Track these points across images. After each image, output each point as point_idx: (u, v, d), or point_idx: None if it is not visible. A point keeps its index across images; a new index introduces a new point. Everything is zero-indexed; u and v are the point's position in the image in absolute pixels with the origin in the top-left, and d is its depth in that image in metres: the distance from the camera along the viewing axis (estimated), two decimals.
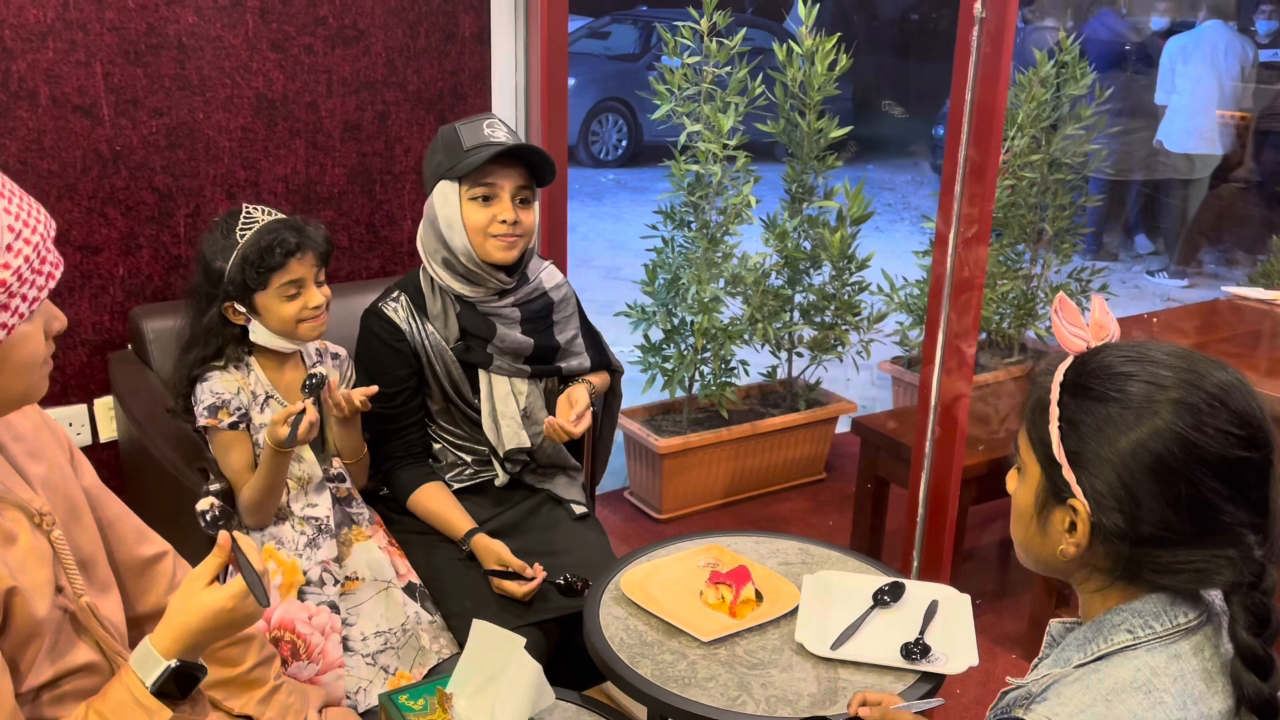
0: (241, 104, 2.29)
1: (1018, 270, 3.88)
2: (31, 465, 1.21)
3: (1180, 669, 0.90)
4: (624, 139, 9.42)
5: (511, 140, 1.82)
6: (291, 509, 1.81)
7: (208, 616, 1.11)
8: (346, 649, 1.73)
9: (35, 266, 1.03)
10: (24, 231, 1.02)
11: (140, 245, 2.25)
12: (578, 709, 1.48)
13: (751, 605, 1.59)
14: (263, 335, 1.79)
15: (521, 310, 1.93)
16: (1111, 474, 0.91)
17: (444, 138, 1.85)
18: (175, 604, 1.13)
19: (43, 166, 2.11)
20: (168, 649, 1.11)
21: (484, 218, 1.81)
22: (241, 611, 1.12)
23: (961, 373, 2.03)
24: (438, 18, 2.48)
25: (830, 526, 3.21)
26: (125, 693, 1.09)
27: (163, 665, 1.10)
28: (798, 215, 3.36)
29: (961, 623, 1.56)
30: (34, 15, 2.03)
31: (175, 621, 1.11)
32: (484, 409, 1.92)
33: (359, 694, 1.69)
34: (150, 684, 1.09)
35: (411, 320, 1.90)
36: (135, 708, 1.08)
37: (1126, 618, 0.94)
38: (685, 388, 3.27)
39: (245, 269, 1.73)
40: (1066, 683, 0.93)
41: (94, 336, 2.24)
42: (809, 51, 3.18)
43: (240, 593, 1.12)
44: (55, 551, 1.17)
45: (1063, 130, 3.78)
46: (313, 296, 1.78)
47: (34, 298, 1.04)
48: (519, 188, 1.83)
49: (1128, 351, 0.95)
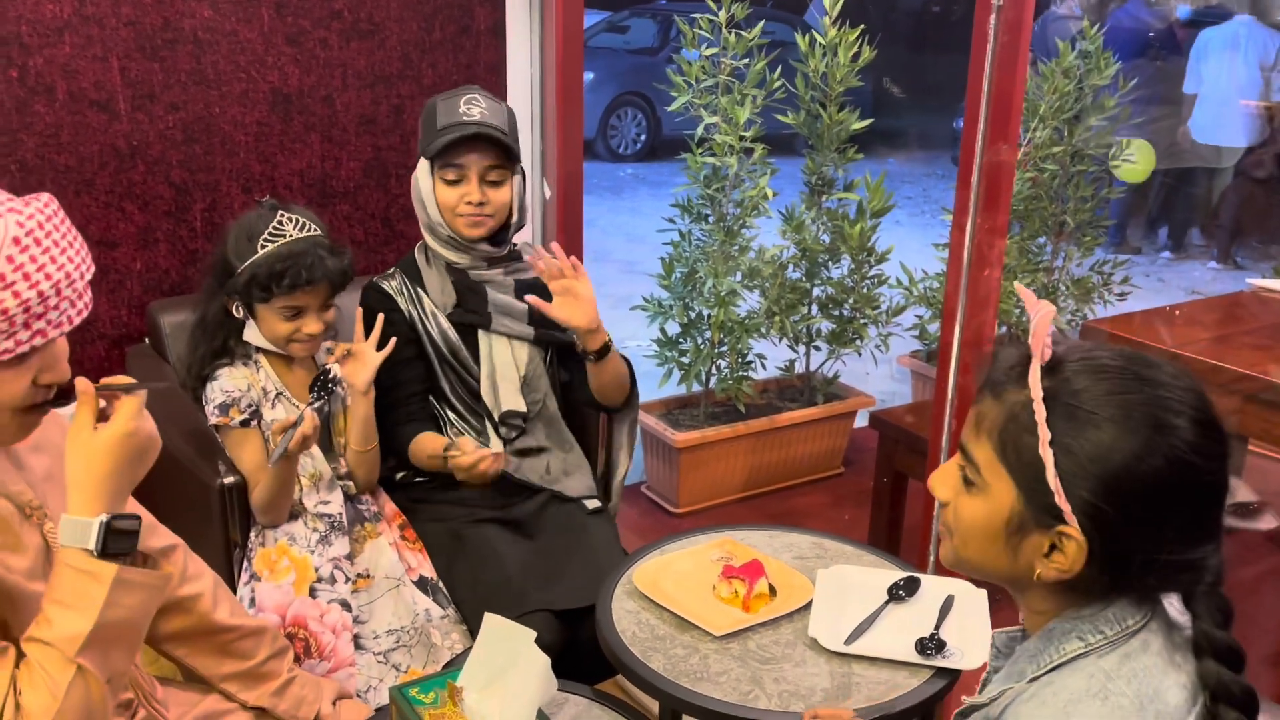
0: (257, 98, 2.30)
1: (1039, 263, 3.84)
2: (34, 458, 1.21)
3: (1133, 668, 0.89)
4: (643, 133, 9.40)
5: (482, 118, 1.85)
6: (304, 505, 1.81)
7: (112, 451, 1.04)
8: (358, 646, 1.73)
9: (14, 320, 0.99)
10: (18, 284, 0.99)
11: (157, 239, 2.26)
12: (589, 703, 1.47)
13: (765, 599, 1.58)
14: (255, 337, 1.81)
15: (515, 281, 1.98)
16: (1113, 500, 0.86)
17: (425, 112, 1.92)
18: (74, 463, 1.05)
19: (60, 161, 2.12)
20: (92, 507, 1.04)
21: (453, 197, 1.88)
22: (144, 431, 1.06)
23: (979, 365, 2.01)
24: (453, 11, 2.47)
25: (847, 521, 3.19)
26: (66, 569, 1.04)
27: (95, 523, 1.03)
28: (816, 207, 3.34)
29: (977, 618, 1.55)
30: (51, 10, 2.04)
31: (83, 478, 1.05)
32: (483, 371, 1.94)
33: (369, 692, 1.70)
34: (92, 545, 1.03)
35: (405, 290, 1.95)
36: (82, 577, 1.03)
37: (1076, 624, 0.92)
38: (702, 381, 3.25)
39: (252, 284, 1.73)
40: (1022, 701, 0.91)
41: (112, 330, 2.26)
42: (832, 43, 3.16)
43: (135, 411, 1.05)
44: (47, 544, 1.17)
45: (1085, 121, 3.73)
46: (309, 324, 1.78)
47: (4, 349, 1.00)
48: (487, 168, 1.87)
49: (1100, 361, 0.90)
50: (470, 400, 1.97)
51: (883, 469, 2.86)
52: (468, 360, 1.95)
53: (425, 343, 1.94)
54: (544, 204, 2.66)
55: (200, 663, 1.43)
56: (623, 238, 6.73)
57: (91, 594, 1.03)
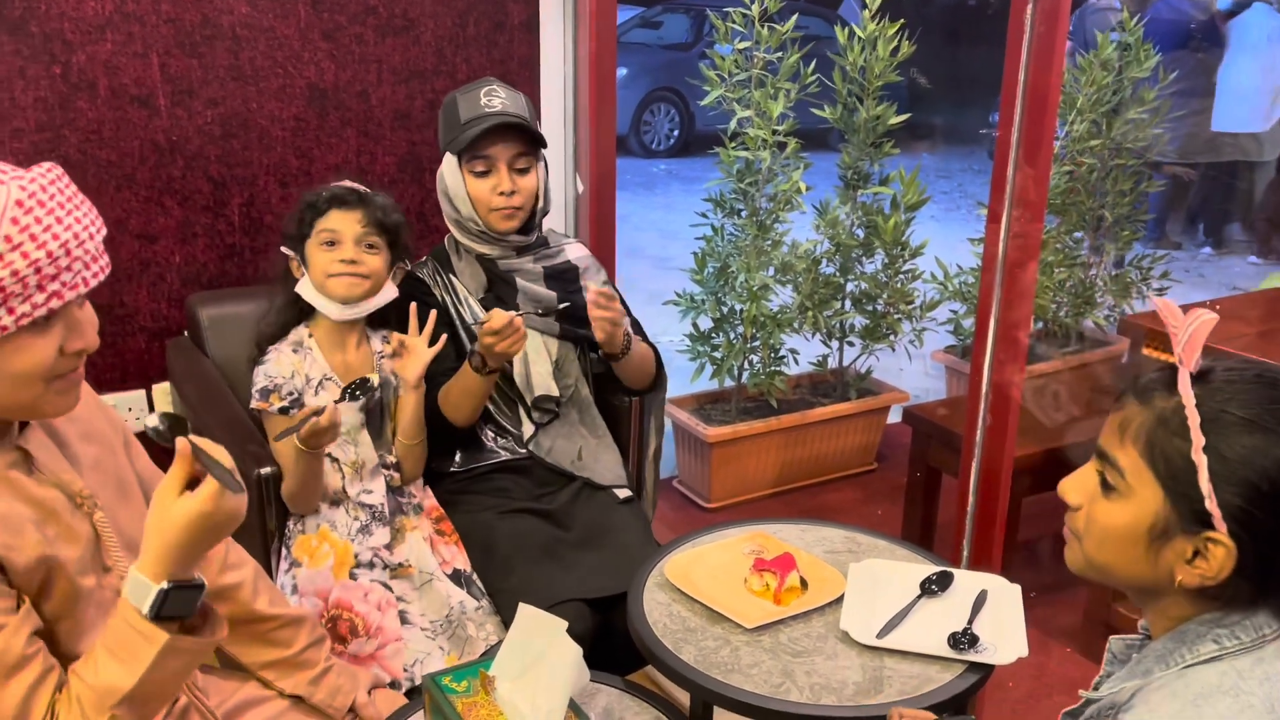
0: (294, 93, 2.32)
1: (1076, 258, 3.80)
2: (84, 447, 1.23)
3: (1265, 671, 0.89)
4: (676, 129, 9.39)
5: (504, 108, 1.87)
6: (347, 493, 1.83)
7: (188, 526, 1.05)
8: (405, 622, 1.75)
9: (27, 281, 1.00)
10: (25, 244, 1.00)
11: (196, 234, 2.29)
12: (621, 693, 1.48)
13: (796, 593, 1.58)
14: (306, 289, 1.82)
15: (545, 269, 2.00)
16: (1264, 505, 0.87)
17: (445, 107, 1.93)
18: (151, 524, 1.06)
19: (102, 156, 2.16)
20: (156, 571, 1.05)
21: (484, 189, 1.90)
22: (223, 511, 1.05)
23: (1013, 359, 1.99)
24: (486, 6, 2.48)
25: (880, 516, 3.18)
26: (123, 623, 1.06)
27: (154, 589, 1.04)
28: (850, 202, 3.33)
29: (1011, 613, 1.54)
30: (93, 8, 2.08)
31: (155, 542, 1.05)
32: (515, 366, 1.96)
33: (416, 665, 1.71)
34: (146, 610, 1.04)
35: (438, 277, 1.99)
36: (134, 635, 1.05)
37: (1211, 628, 0.93)
38: (734, 376, 3.25)
39: (296, 214, 1.82)
40: (1152, 689, 0.92)
41: (151, 323, 2.29)
42: (871, 37, 3.14)
43: (215, 492, 1.05)
44: (98, 533, 1.20)
45: (1124, 114, 3.68)
46: (345, 250, 1.79)
47: (23, 313, 1.01)
48: (515, 156, 1.89)
49: (1249, 370, 0.92)
50: (503, 384, 1.98)
51: (916, 464, 2.85)
52: None
53: (459, 327, 1.97)
54: (576, 199, 2.66)
55: (239, 650, 1.45)
56: (655, 233, 6.73)
57: (140, 654, 1.05)
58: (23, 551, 1.09)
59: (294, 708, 1.46)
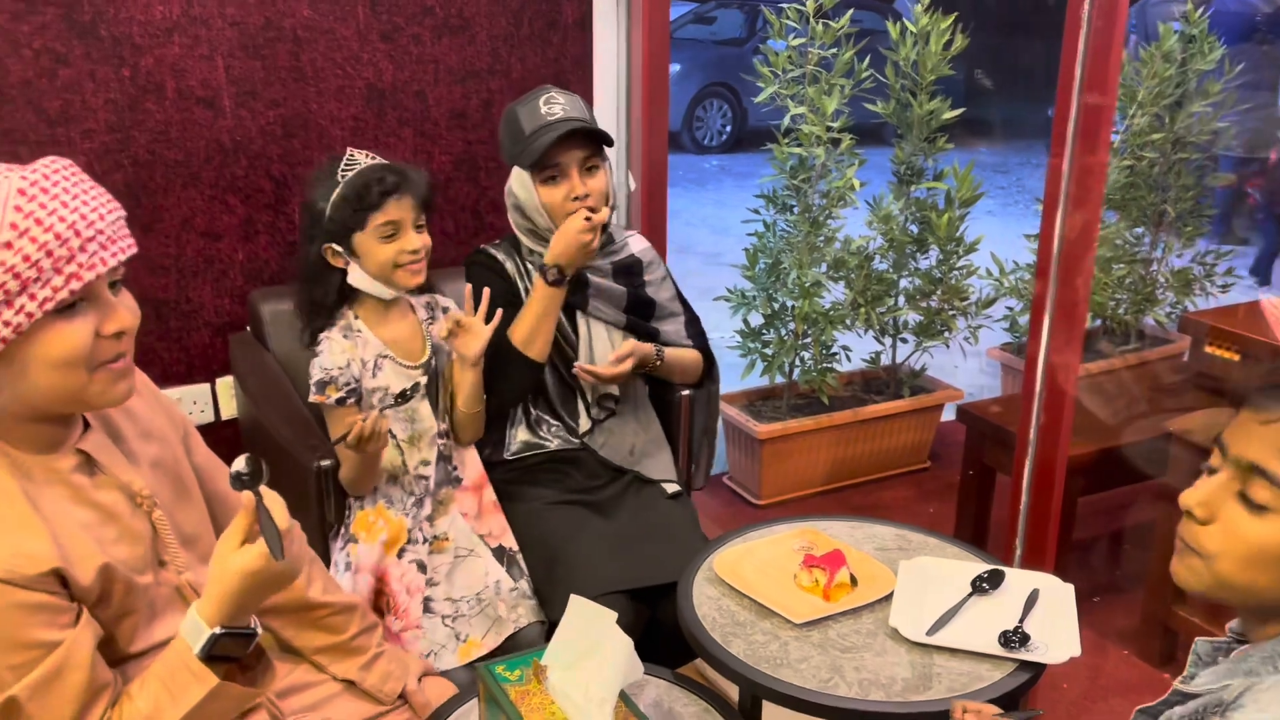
0: (353, 94, 2.37)
1: (1136, 254, 3.73)
2: (143, 446, 1.27)
3: None
4: (728, 125, 9.37)
5: (565, 114, 1.88)
6: (405, 465, 1.86)
7: (242, 579, 1.10)
8: (427, 610, 1.79)
9: (41, 266, 1.02)
10: (32, 229, 1.02)
11: (258, 231, 2.35)
12: (670, 685, 1.49)
13: (846, 589, 1.58)
14: (361, 279, 1.80)
15: (612, 264, 2.03)
16: None
17: (507, 121, 1.94)
18: (212, 570, 1.12)
19: (169, 156, 2.22)
20: (210, 616, 1.11)
21: (558, 197, 1.90)
22: (272, 570, 1.11)
23: (1069, 355, 1.97)
24: (541, 5, 2.51)
25: (932, 515, 3.16)
26: (177, 658, 1.12)
27: (207, 633, 1.11)
28: (904, 198, 3.30)
29: (1064, 612, 1.52)
30: (160, 12, 2.14)
31: (214, 588, 1.11)
32: (582, 350, 1.99)
33: (431, 656, 1.75)
34: (198, 651, 1.11)
35: (513, 258, 2.01)
36: (185, 673, 1.11)
37: None
38: (785, 373, 3.25)
39: (343, 208, 1.75)
40: (1262, 689, 0.91)
41: (215, 319, 2.35)
42: (924, 31, 3.12)
43: (265, 553, 1.10)
44: (156, 531, 1.23)
45: (1188, 107, 3.61)
46: (410, 240, 1.78)
47: (45, 297, 1.03)
48: (583, 159, 1.90)
49: None
50: (564, 374, 2.00)
51: (969, 463, 2.82)
52: (568, 331, 2.00)
53: None
54: (628, 196, 2.68)
55: (293, 635, 1.49)
56: (707, 230, 6.73)
57: (190, 692, 1.11)
58: (84, 565, 1.12)
59: (345, 692, 1.49)
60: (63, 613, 1.10)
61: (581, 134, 1.88)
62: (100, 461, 1.19)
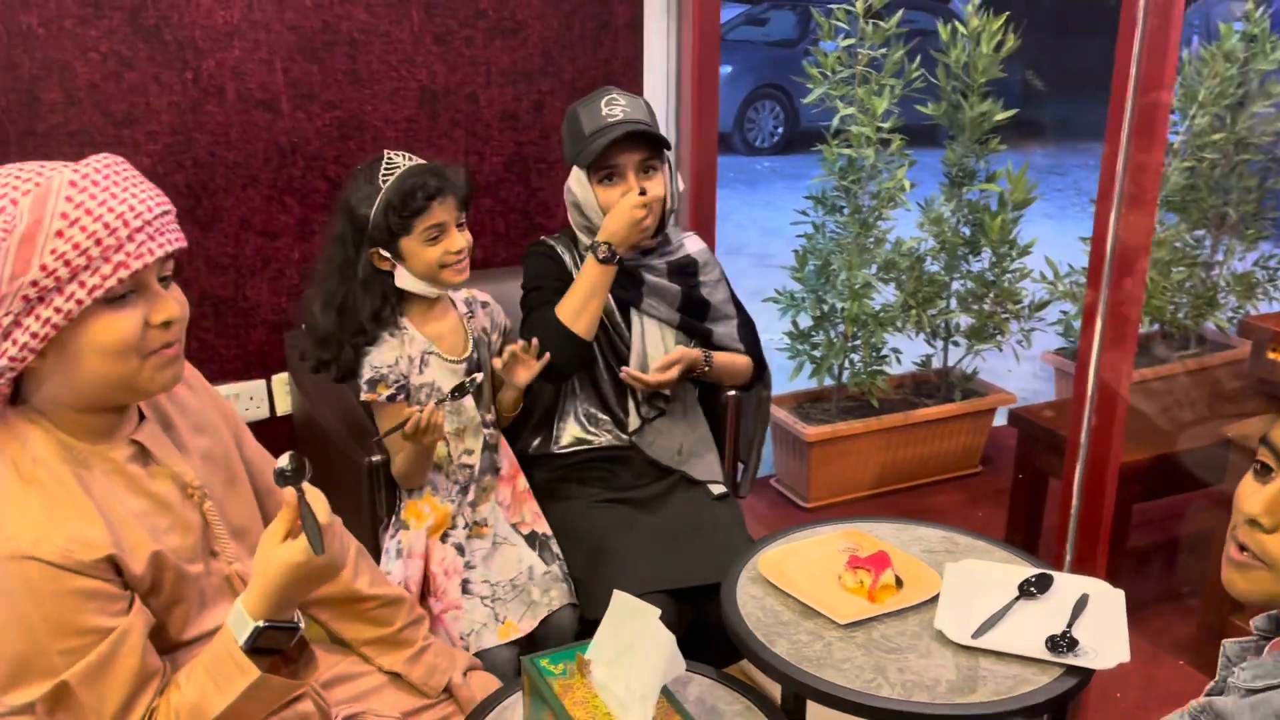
0: (406, 96, 2.41)
1: (1196, 257, 3.66)
2: (195, 439, 1.30)
3: None
4: (780, 126, 9.34)
5: (625, 116, 1.89)
6: (451, 456, 1.90)
7: (284, 573, 1.12)
8: (466, 591, 1.82)
9: (90, 254, 1.05)
10: (82, 219, 1.05)
11: (313, 231, 2.40)
12: (713, 683, 1.50)
13: (891, 591, 1.57)
14: (409, 281, 1.83)
15: (668, 265, 2.04)
16: None
17: (568, 121, 1.95)
18: (256, 564, 1.14)
19: (230, 158, 2.28)
20: (254, 609, 1.13)
21: (614, 197, 1.92)
22: (313, 565, 1.12)
23: (1122, 358, 1.94)
24: (592, 7, 2.53)
25: (981, 519, 3.12)
26: (223, 649, 1.14)
27: (251, 626, 1.13)
28: (955, 199, 3.27)
29: (1113, 618, 1.50)
30: (222, 17, 2.19)
31: (258, 582, 1.13)
32: (634, 346, 2.00)
33: (471, 635, 1.78)
34: (242, 643, 1.13)
35: (571, 252, 2.02)
36: (230, 664, 1.13)
37: None
38: (834, 375, 3.23)
39: (389, 214, 1.76)
40: None
41: (272, 316, 2.41)
42: (974, 32, 3.09)
43: (302, 548, 1.11)
44: (207, 522, 1.27)
45: (1250, 108, 3.53)
46: (454, 241, 1.81)
47: (93, 284, 1.06)
48: (641, 161, 1.91)
49: None
50: (616, 367, 2.01)
51: (1020, 467, 2.79)
52: (621, 327, 2.01)
53: None
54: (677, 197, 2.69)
55: (341, 627, 1.52)
56: (757, 231, 6.71)
57: (234, 682, 1.13)
58: (136, 553, 1.15)
59: (391, 684, 1.52)
60: (116, 600, 1.13)
61: (640, 136, 1.89)
62: (154, 452, 1.22)
